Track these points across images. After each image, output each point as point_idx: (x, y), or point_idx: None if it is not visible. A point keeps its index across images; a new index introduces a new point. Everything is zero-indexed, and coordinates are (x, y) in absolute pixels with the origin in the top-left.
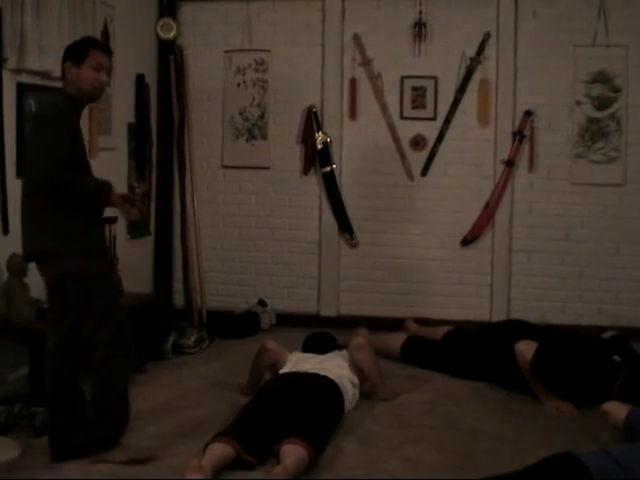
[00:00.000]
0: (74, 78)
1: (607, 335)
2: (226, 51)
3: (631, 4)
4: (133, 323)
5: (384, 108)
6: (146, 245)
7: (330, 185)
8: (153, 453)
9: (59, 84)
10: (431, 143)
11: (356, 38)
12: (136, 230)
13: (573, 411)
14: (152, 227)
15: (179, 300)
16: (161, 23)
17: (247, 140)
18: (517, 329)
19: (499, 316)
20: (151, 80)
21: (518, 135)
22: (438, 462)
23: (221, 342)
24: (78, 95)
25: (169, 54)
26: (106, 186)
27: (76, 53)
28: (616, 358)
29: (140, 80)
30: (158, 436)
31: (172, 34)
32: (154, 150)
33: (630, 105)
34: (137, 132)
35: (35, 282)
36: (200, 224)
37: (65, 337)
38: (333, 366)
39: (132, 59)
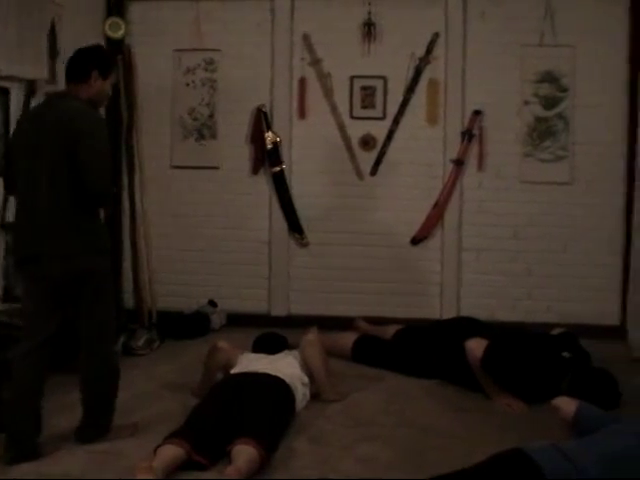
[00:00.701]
0: (97, 88)
1: (556, 332)
2: (175, 50)
3: (577, 4)
4: None
5: (333, 108)
6: None
7: (280, 185)
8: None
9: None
10: (380, 143)
11: (305, 38)
12: None
13: (523, 407)
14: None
15: (129, 301)
16: (109, 22)
17: (196, 140)
18: (467, 326)
19: (449, 314)
20: None
21: (467, 134)
22: (391, 460)
23: (171, 343)
24: (90, 103)
25: (117, 53)
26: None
27: (105, 66)
28: (565, 354)
29: None
30: (109, 437)
31: (120, 33)
32: None
33: (577, 105)
34: None
35: None
36: (149, 224)
37: (52, 335)
38: (284, 366)
39: None
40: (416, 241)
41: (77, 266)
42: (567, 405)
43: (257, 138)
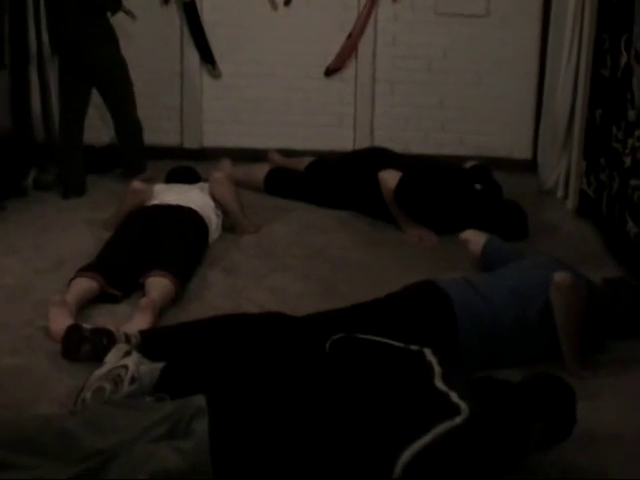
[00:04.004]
0: None
1: (469, 165)
2: None
3: None
4: None
5: None
6: (1, 78)
7: (191, 15)
8: None
9: None
10: None
11: None
12: None
13: (434, 239)
14: (7, 59)
15: (39, 135)
16: None
17: None
18: (381, 157)
19: (362, 147)
20: None
21: None
22: (303, 291)
23: None
24: None
25: None
26: None
27: None
28: (477, 187)
29: None
30: (21, 273)
31: None
32: None
33: None
34: None
35: None
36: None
37: (83, 104)
38: (196, 196)
39: None
40: (329, 72)
41: (98, 53)
42: (476, 238)
43: None
